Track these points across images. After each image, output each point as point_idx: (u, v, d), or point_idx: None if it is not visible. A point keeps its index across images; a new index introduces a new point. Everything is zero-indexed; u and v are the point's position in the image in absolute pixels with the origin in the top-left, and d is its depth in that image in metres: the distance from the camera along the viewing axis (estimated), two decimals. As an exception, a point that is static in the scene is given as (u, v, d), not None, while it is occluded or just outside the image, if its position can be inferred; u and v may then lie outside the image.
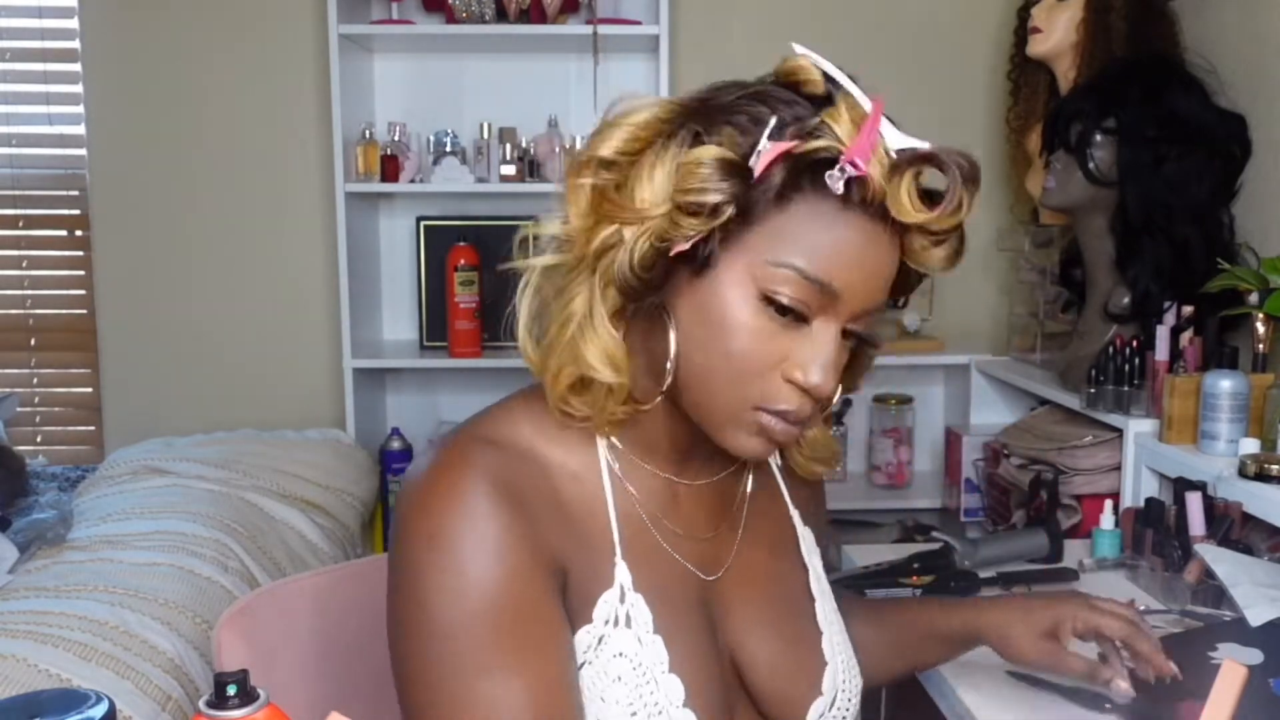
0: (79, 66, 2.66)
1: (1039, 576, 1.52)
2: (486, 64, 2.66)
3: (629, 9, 2.59)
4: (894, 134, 0.73)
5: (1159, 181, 1.80)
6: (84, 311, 2.74)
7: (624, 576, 0.80)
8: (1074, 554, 1.61)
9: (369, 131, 2.53)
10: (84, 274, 2.73)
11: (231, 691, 0.57)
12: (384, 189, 2.53)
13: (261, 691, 0.58)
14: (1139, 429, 1.72)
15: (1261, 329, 1.65)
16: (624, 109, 0.77)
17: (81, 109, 2.67)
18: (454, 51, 2.64)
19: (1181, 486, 1.51)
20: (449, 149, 2.53)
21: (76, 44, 2.65)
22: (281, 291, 2.72)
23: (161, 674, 1.49)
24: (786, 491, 0.96)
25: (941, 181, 0.73)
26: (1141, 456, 1.71)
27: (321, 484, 2.29)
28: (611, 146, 0.76)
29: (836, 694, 0.89)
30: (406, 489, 0.78)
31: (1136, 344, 1.80)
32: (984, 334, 2.60)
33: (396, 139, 2.55)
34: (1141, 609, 1.41)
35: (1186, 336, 1.73)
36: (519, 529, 0.75)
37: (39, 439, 2.79)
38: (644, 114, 0.76)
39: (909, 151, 0.73)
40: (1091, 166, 1.85)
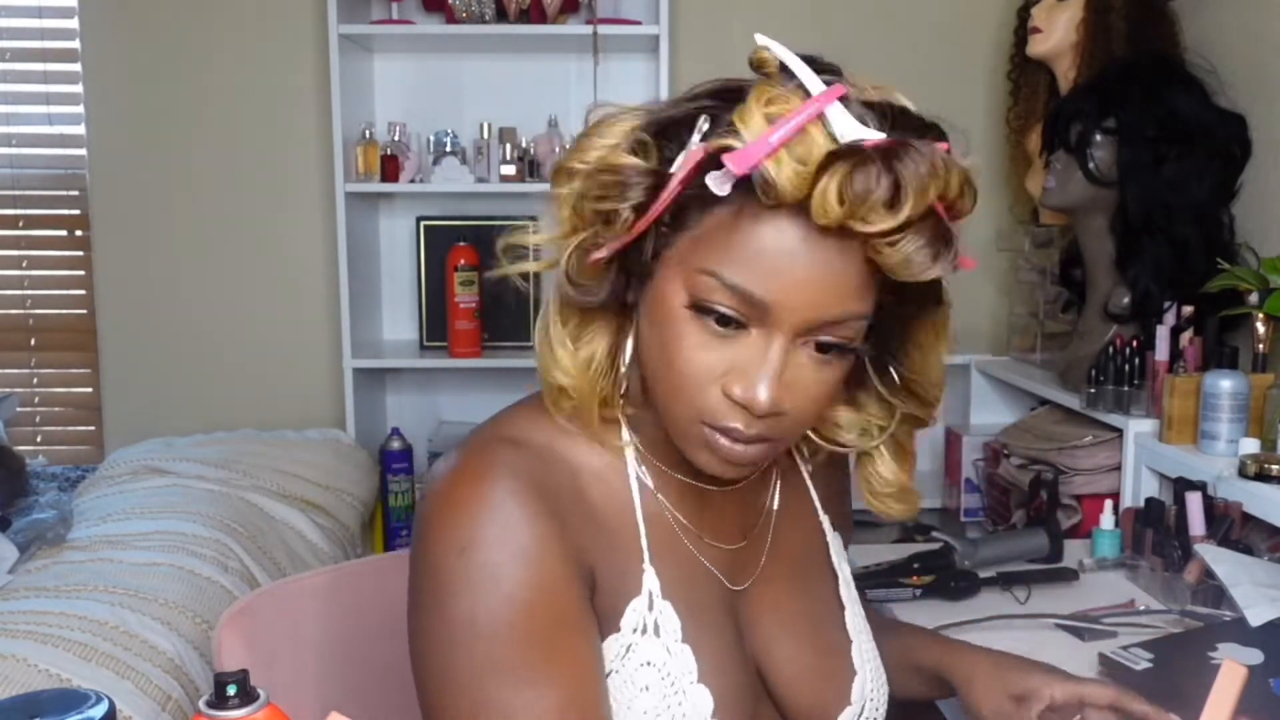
0: (79, 66, 2.66)
1: (1039, 576, 1.52)
2: (486, 64, 2.66)
3: (629, 9, 2.59)
4: (849, 126, 0.67)
5: (1159, 181, 1.80)
6: (84, 311, 2.74)
7: (652, 583, 0.78)
8: (1074, 554, 1.61)
9: (369, 131, 2.53)
10: (84, 274, 2.73)
11: (231, 691, 0.57)
12: (384, 189, 2.53)
13: (261, 691, 0.58)
14: (1139, 429, 1.72)
15: (1261, 329, 1.65)
16: (601, 118, 0.76)
17: (81, 109, 2.67)
18: (454, 51, 2.64)
19: (1181, 486, 1.51)
20: (449, 149, 2.53)
21: (76, 44, 2.65)
22: (281, 291, 2.72)
23: (161, 674, 1.49)
24: (816, 496, 0.93)
25: (912, 176, 0.65)
26: (1141, 456, 1.71)
27: (321, 484, 2.29)
28: (585, 157, 0.75)
29: (865, 704, 0.88)
30: (433, 494, 0.76)
31: (1136, 344, 1.80)
32: (984, 334, 2.60)
33: (396, 139, 2.55)
34: (1141, 609, 1.41)
35: (1186, 336, 1.73)
36: (549, 534, 0.74)
37: (39, 439, 2.79)
38: (619, 125, 0.75)
39: (848, 146, 0.66)
40: (1091, 166, 1.85)
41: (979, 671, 0.95)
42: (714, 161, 0.68)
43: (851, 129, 0.67)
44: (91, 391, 2.77)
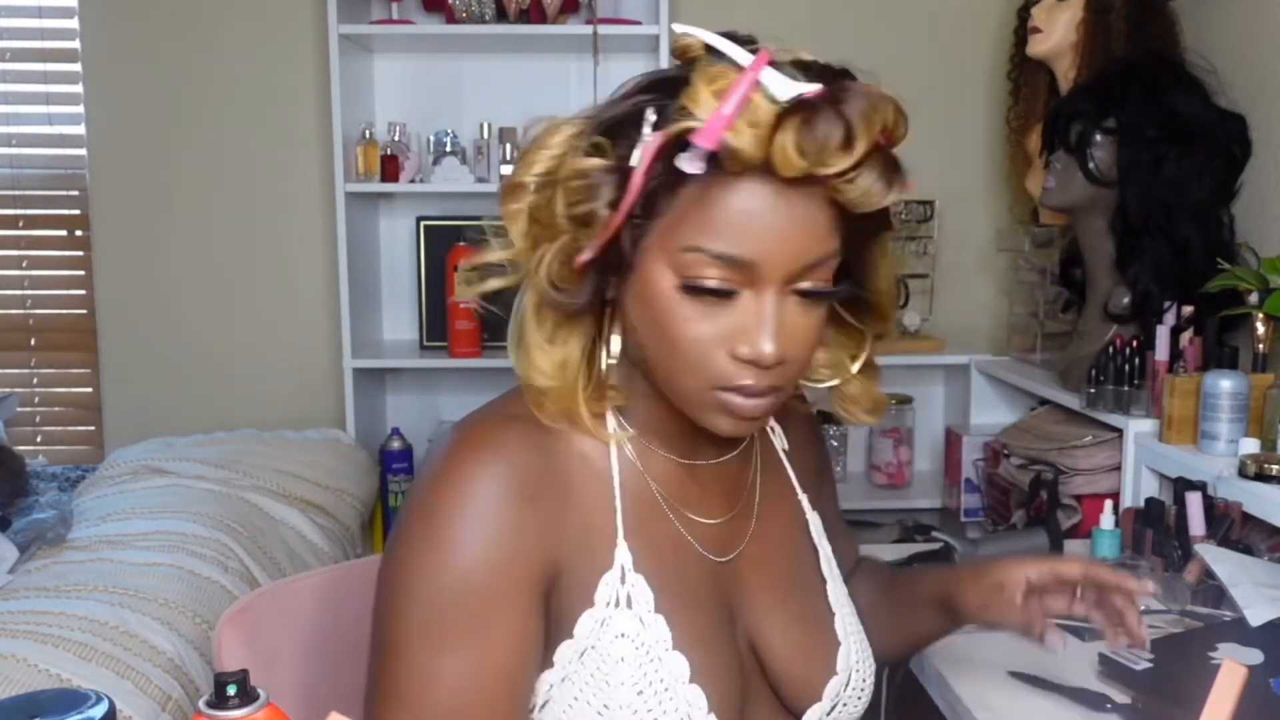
0: (79, 66, 2.66)
1: (1039, 576, 1.51)
2: (486, 64, 2.66)
3: (629, 9, 2.59)
4: (784, 86, 0.72)
5: (1159, 181, 1.80)
6: (84, 311, 2.74)
7: (624, 558, 0.81)
8: (1074, 554, 1.61)
9: (369, 131, 2.53)
10: (84, 274, 2.73)
11: (231, 691, 0.58)
12: (384, 189, 2.53)
13: (261, 691, 0.58)
14: (1139, 429, 1.72)
15: (1261, 329, 1.65)
16: (540, 131, 0.81)
17: (81, 109, 2.67)
18: (454, 51, 2.64)
19: (1181, 486, 1.51)
20: (449, 149, 2.53)
21: (76, 44, 2.65)
22: (281, 291, 2.72)
23: (161, 674, 1.49)
24: (794, 476, 0.98)
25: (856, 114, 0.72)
26: (1141, 456, 1.71)
27: (321, 484, 2.29)
28: (533, 170, 0.79)
29: (851, 674, 0.91)
30: (430, 458, 0.81)
31: (1136, 344, 1.80)
32: (984, 334, 2.60)
33: (396, 139, 2.55)
34: (1141, 609, 1.41)
35: (1186, 336, 1.73)
36: (519, 523, 0.78)
37: (39, 439, 2.79)
38: (560, 134, 0.79)
39: (791, 102, 0.71)
40: (1091, 166, 1.85)
41: (964, 575, 1.01)
42: (676, 146, 0.73)
43: (788, 87, 0.72)
44: (91, 391, 2.77)
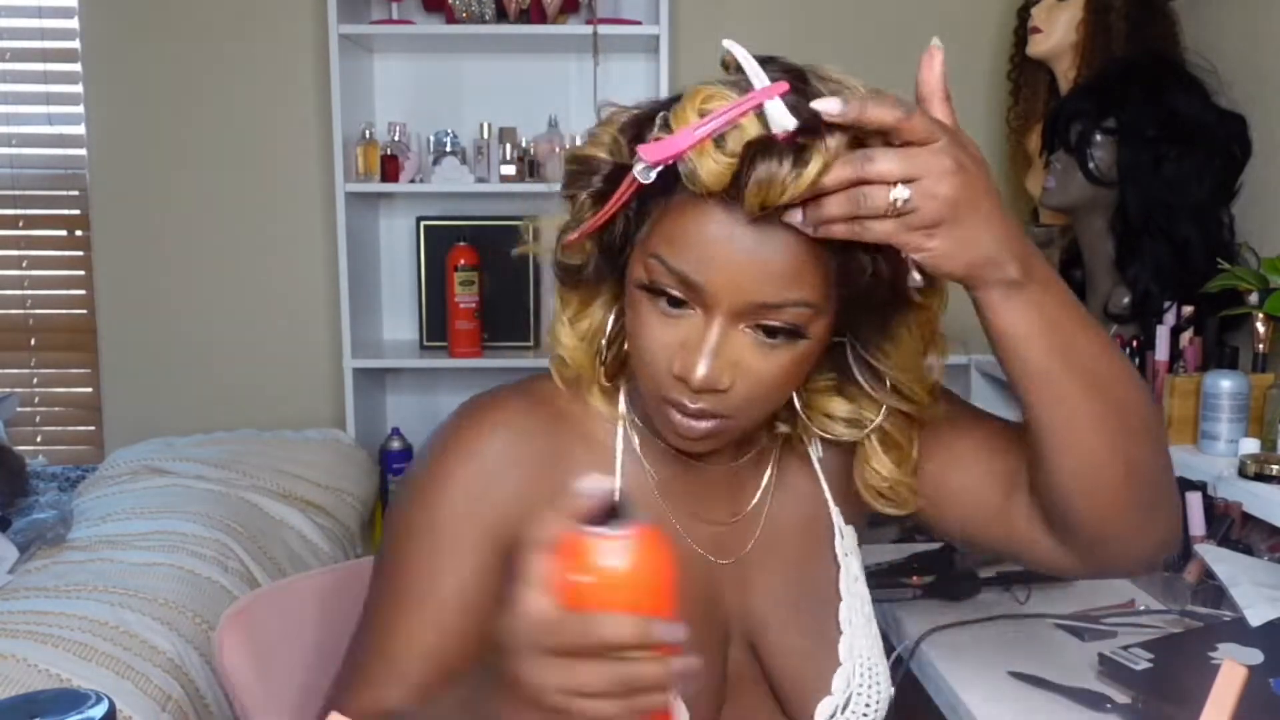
0: (79, 66, 2.66)
1: (1039, 576, 1.51)
2: (486, 64, 2.66)
3: (629, 9, 2.59)
4: (785, 121, 0.69)
5: (1159, 181, 1.80)
6: (84, 311, 2.74)
7: None
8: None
9: (369, 131, 2.53)
10: (84, 274, 2.73)
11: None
12: (384, 189, 2.53)
13: (632, 516, 0.58)
14: (1139, 429, 1.72)
15: (1261, 329, 1.65)
16: (607, 115, 0.81)
17: (81, 109, 2.67)
18: (454, 51, 2.64)
19: (1181, 486, 1.50)
20: (449, 149, 2.53)
21: (76, 44, 2.65)
22: (281, 291, 2.72)
23: (161, 674, 1.49)
24: (827, 485, 0.94)
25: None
26: (1141, 456, 1.71)
27: (321, 484, 2.29)
28: (585, 149, 0.81)
29: (851, 697, 0.88)
30: (450, 419, 0.86)
31: (1136, 344, 1.80)
32: (984, 334, 2.60)
33: (396, 139, 2.55)
34: (1141, 609, 1.41)
35: (1186, 336, 1.73)
36: (495, 481, 0.82)
37: (39, 439, 2.79)
38: (617, 122, 0.80)
39: (761, 136, 0.69)
40: (1091, 166, 1.85)
41: None
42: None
43: (785, 123, 0.69)
44: (91, 391, 2.77)
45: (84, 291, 2.74)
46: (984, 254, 0.70)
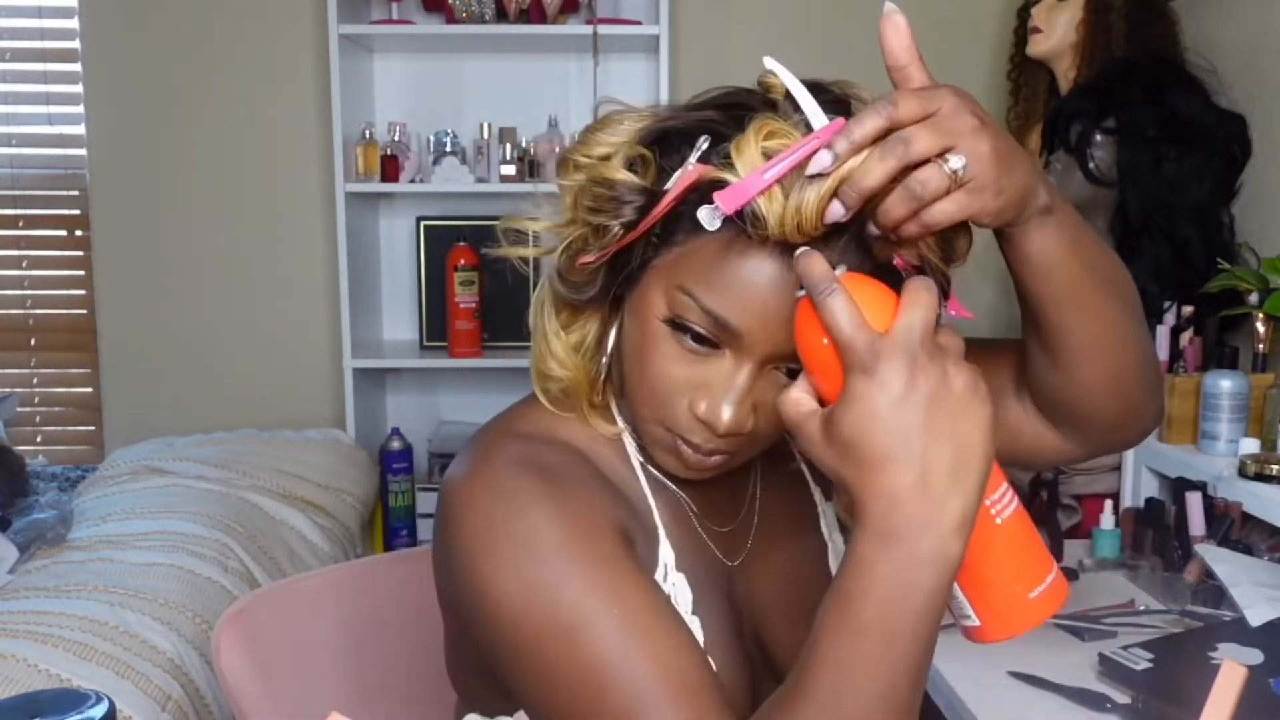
0: (79, 66, 2.66)
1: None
2: (486, 64, 2.66)
3: (629, 9, 2.59)
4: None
5: (1159, 181, 1.80)
6: (84, 311, 2.75)
7: (668, 556, 0.80)
8: (1074, 554, 1.61)
9: (369, 131, 2.53)
10: (84, 274, 2.74)
11: None
12: (384, 189, 2.53)
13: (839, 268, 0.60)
14: (1139, 429, 1.72)
15: (1261, 329, 1.65)
16: (608, 114, 0.78)
17: (81, 109, 2.67)
18: (454, 51, 2.64)
19: (1181, 486, 1.51)
20: (449, 149, 2.53)
21: (76, 44, 2.65)
22: (281, 291, 2.72)
23: (161, 674, 1.49)
24: (807, 470, 0.94)
25: None
26: (1141, 456, 1.71)
27: (321, 484, 2.29)
28: (585, 152, 0.76)
29: None
30: (448, 495, 0.77)
31: (1136, 344, 1.80)
32: (984, 334, 2.59)
33: (396, 139, 2.55)
34: (1141, 609, 1.41)
35: (1186, 336, 1.73)
36: (571, 499, 0.74)
37: (39, 439, 2.79)
38: (623, 125, 0.76)
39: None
40: (1091, 166, 1.85)
41: None
42: (708, 185, 0.68)
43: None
44: (91, 391, 2.77)
45: (84, 291, 2.74)
46: (1026, 189, 0.68)
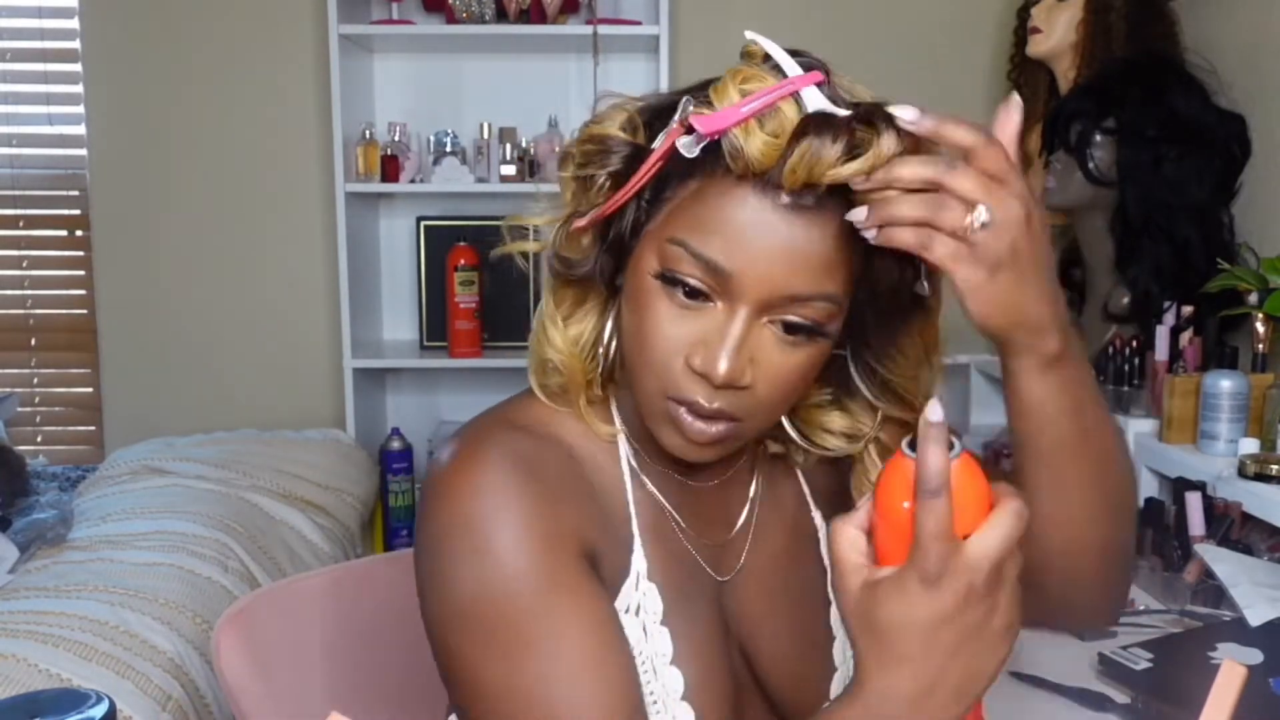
0: (79, 66, 2.66)
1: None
2: (486, 64, 2.66)
3: (629, 9, 2.59)
4: (821, 105, 0.68)
5: (1159, 181, 1.80)
6: (84, 311, 2.75)
7: (639, 565, 0.80)
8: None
9: (369, 131, 2.53)
10: (84, 274, 2.74)
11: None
12: (384, 189, 2.53)
13: (956, 443, 0.57)
14: (1139, 429, 1.72)
15: (1261, 329, 1.65)
16: (605, 107, 0.78)
17: (81, 109, 2.67)
18: (454, 51, 2.64)
19: (1181, 486, 1.51)
20: (449, 149, 2.53)
21: (76, 44, 2.65)
22: (281, 292, 2.72)
23: (161, 674, 1.49)
24: (808, 489, 0.92)
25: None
26: (1141, 456, 1.71)
27: (321, 484, 2.29)
28: (585, 133, 0.77)
29: None
30: (430, 479, 0.78)
31: (1136, 344, 1.80)
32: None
33: (396, 139, 2.55)
34: (1141, 609, 1.41)
35: (1186, 336, 1.73)
36: (543, 508, 0.74)
37: (39, 439, 2.79)
38: (620, 111, 0.77)
39: (815, 113, 0.68)
40: (1091, 166, 1.85)
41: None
42: (690, 134, 0.70)
43: (823, 106, 0.68)
44: (91, 391, 2.77)
45: (84, 291, 2.74)
46: (1032, 316, 0.69)
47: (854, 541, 0.61)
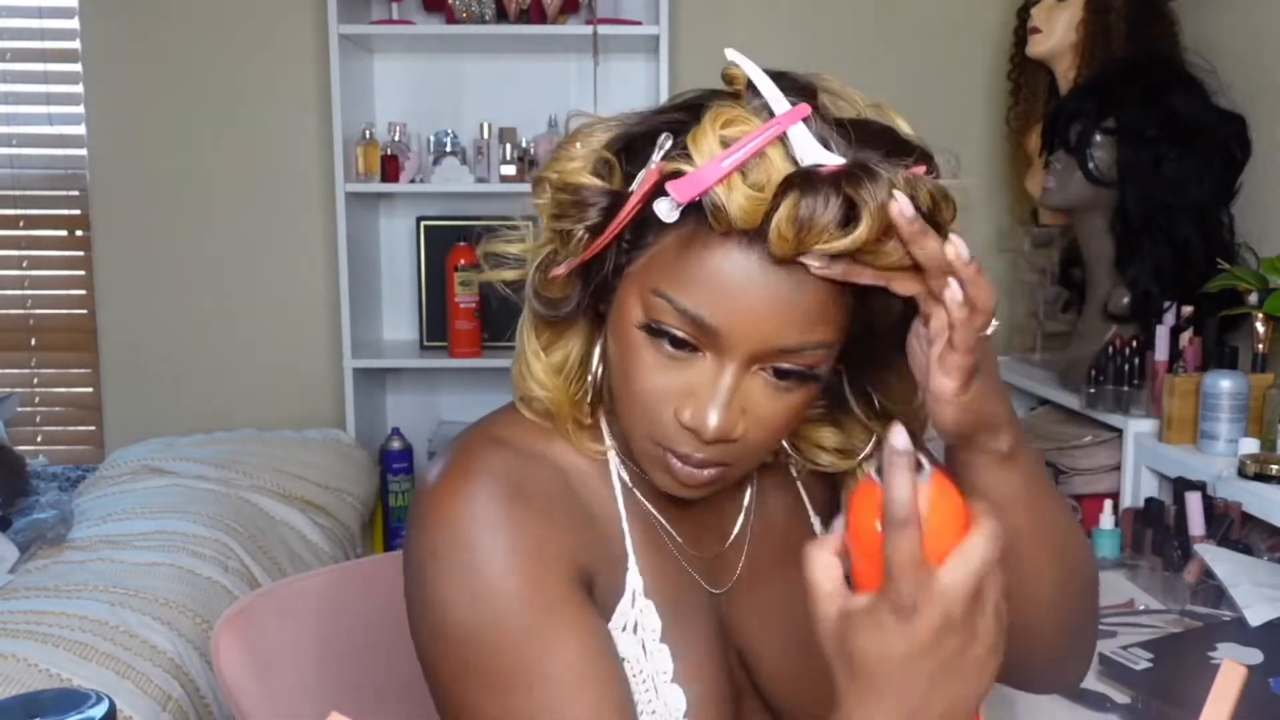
0: (79, 66, 2.66)
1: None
2: (486, 64, 2.66)
3: (629, 9, 2.59)
4: (810, 150, 0.65)
5: (1159, 181, 1.80)
6: (84, 311, 2.75)
7: (635, 582, 0.79)
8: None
9: (369, 131, 2.53)
10: (84, 274, 2.74)
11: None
12: (384, 189, 2.53)
13: (925, 464, 0.56)
14: (1139, 429, 1.72)
15: (1261, 329, 1.65)
16: (579, 127, 0.76)
17: (81, 109, 2.67)
18: (454, 51, 2.64)
19: (1181, 486, 1.51)
20: (449, 149, 2.53)
21: (76, 44, 2.65)
22: (281, 291, 2.72)
23: (161, 674, 1.49)
24: (807, 496, 0.92)
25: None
26: (1141, 456, 1.71)
27: (321, 484, 2.29)
28: (557, 168, 0.74)
29: None
30: (418, 496, 0.77)
31: (1136, 344, 1.80)
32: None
33: (396, 139, 2.55)
34: (1141, 609, 1.41)
35: (1186, 336, 1.73)
36: (533, 530, 0.74)
37: (39, 439, 2.79)
38: (594, 136, 0.74)
39: (800, 171, 0.64)
40: (1091, 166, 1.85)
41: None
42: (673, 179, 0.67)
43: (812, 152, 0.65)
44: (91, 391, 2.77)
45: (84, 291, 2.74)
46: (994, 416, 0.70)
47: (827, 567, 0.59)
